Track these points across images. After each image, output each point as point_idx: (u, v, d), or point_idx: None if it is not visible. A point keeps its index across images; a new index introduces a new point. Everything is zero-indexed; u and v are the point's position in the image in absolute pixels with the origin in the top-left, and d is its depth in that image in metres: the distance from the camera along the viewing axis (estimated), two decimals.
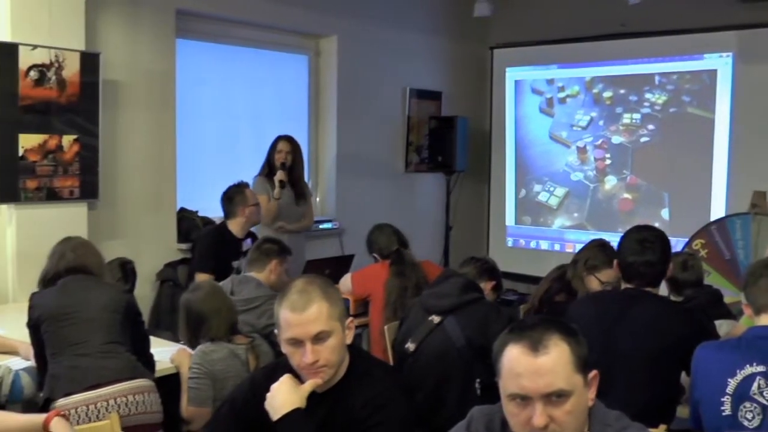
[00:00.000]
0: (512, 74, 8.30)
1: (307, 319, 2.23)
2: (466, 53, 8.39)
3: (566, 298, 4.21)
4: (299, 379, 2.34)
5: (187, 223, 5.95)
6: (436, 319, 3.76)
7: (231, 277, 4.43)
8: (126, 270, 4.76)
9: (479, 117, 8.44)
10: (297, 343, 2.25)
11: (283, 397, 2.28)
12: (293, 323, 2.24)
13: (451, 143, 7.73)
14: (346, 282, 4.98)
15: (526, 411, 1.76)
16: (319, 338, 2.24)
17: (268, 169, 5.89)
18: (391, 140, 7.76)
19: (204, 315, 3.60)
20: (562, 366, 1.77)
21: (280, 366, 2.42)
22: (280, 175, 5.78)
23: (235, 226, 5.24)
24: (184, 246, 5.85)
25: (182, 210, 6.03)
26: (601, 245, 4.31)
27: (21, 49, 4.86)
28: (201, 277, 4.92)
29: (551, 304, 4.28)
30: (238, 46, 6.58)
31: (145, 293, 5.34)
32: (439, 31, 8.08)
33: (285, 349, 2.31)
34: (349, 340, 2.35)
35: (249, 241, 5.21)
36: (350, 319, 2.37)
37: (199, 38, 6.28)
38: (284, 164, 5.84)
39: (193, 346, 3.60)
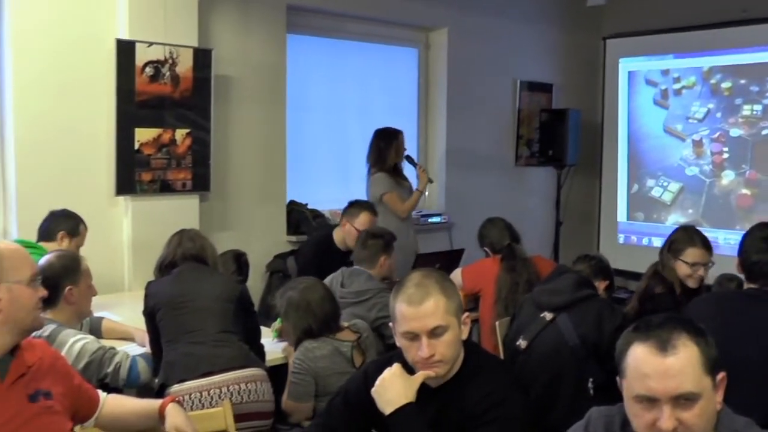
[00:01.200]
0: (626, 65, 8.08)
1: (423, 313, 2.21)
2: (578, 44, 8.23)
3: (664, 290, 4.05)
4: (409, 370, 2.32)
5: (297, 215, 6.02)
6: (548, 316, 3.68)
7: (341, 269, 4.45)
8: (240, 262, 4.83)
9: (591, 109, 8.26)
10: (413, 337, 2.23)
11: (394, 391, 2.27)
12: (409, 317, 2.22)
13: (562, 136, 7.58)
14: (456, 277, 4.92)
15: (652, 413, 1.71)
16: (435, 333, 2.21)
17: (389, 164, 5.83)
18: (501, 134, 7.68)
19: (305, 311, 3.56)
20: (692, 367, 1.70)
21: (394, 358, 2.39)
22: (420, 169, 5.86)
23: (338, 237, 5.15)
24: (293, 238, 5.92)
25: (292, 202, 6.10)
26: (682, 228, 4.19)
27: (137, 46, 5.02)
28: None
29: (653, 300, 4.12)
30: (348, 40, 6.62)
31: (254, 284, 5.42)
32: (550, 21, 7.95)
33: (400, 342, 2.29)
34: (464, 336, 2.31)
35: None
36: (466, 314, 2.33)
37: (309, 33, 6.35)
38: (410, 156, 5.91)
39: (296, 342, 3.60)
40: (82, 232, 4.40)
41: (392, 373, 2.31)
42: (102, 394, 2.60)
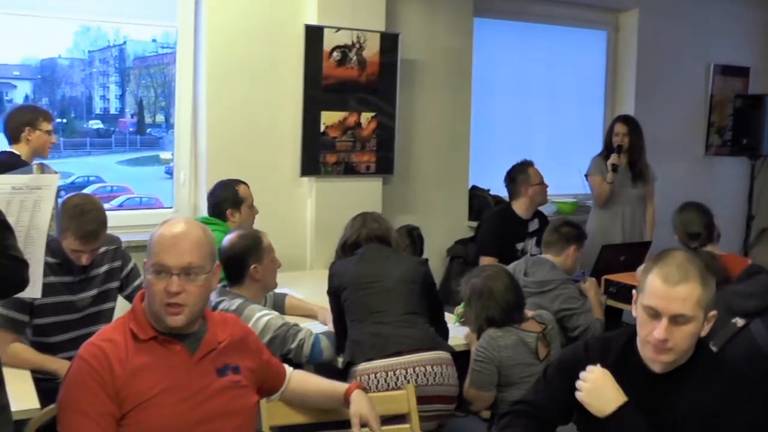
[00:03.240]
0: None
1: (675, 295, 2.08)
2: None
3: None
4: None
5: (479, 201, 5.93)
6: (740, 322, 3.39)
7: (525, 257, 4.31)
8: (413, 236, 4.79)
9: None
10: (654, 314, 2.11)
11: (610, 390, 2.18)
12: (659, 294, 2.10)
13: (758, 124, 7.08)
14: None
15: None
16: (677, 320, 2.09)
17: (606, 151, 5.68)
18: (691, 121, 7.24)
19: (487, 299, 3.46)
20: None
21: (613, 339, 2.31)
22: (613, 159, 5.54)
23: (519, 207, 5.11)
24: (474, 224, 5.81)
25: (474, 188, 6.02)
26: None
27: (326, 31, 5.06)
28: (485, 260, 4.88)
29: None
30: (535, 23, 6.43)
31: (434, 269, 5.33)
32: (749, 0, 7.42)
33: (638, 313, 2.17)
34: (704, 333, 2.17)
35: (536, 221, 5.06)
36: (713, 312, 2.18)
37: (497, 17, 6.21)
38: (620, 147, 5.60)
39: (477, 330, 3.51)
40: (243, 197, 4.34)
41: (602, 373, 2.21)
42: (288, 370, 2.63)
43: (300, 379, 2.65)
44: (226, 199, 4.29)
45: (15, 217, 2.33)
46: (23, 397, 2.72)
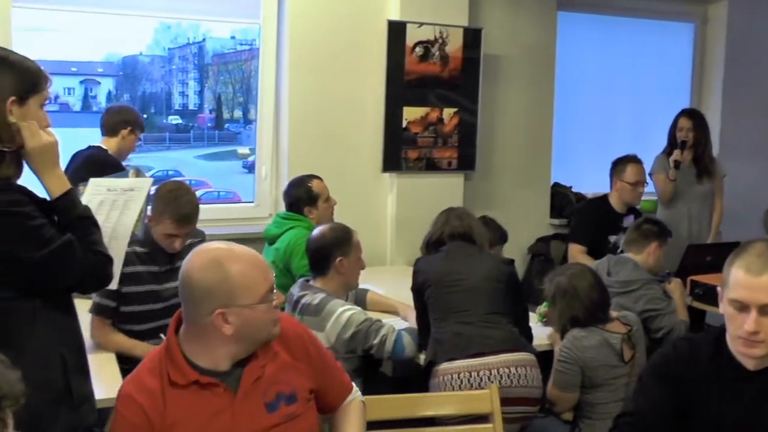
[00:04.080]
0: None
1: (760, 285, 2.02)
2: None
3: None
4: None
5: (561, 198, 5.85)
6: None
7: (607, 256, 4.22)
8: (489, 228, 4.72)
9: None
10: (741, 307, 2.04)
11: None
12: (744, 285, 2.04)
13: None
14: None
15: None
16: (765, 310, 2.02)
17: (669, 147, 5.44)
18: None
19: (572, 298, 3.39)
20: None
21: (701, 339, 2.24)
22: (675, 155, 5.28)
23: (613, 199, 4.99)
24: (556, 221, 5.76)
25: (556, 185, 5.94)
26: None
27: (408, 27, 5.05)
28: (574, 248, 4.84)
29: None
30: (620, 16, 6.30)
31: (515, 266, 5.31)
32: None
33: (725, 310, 2.11)
34: None
35: (631, 217, 4.94)
36: None
37: (581, 10, 6.10)
38: (684, 142, 5.35)
39: (561, 329, 3.44)
40: (317, 192, 4.32)
41: None
42: (353, 395, 2.38)
43: (349, 413, 2.36)
44: (301, 198, 4.30)
45: (104, 215, 2.37)
46: (109, 385, 2.76)
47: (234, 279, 2.03)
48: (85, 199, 2.39)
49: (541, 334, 3.61)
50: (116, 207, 2.36)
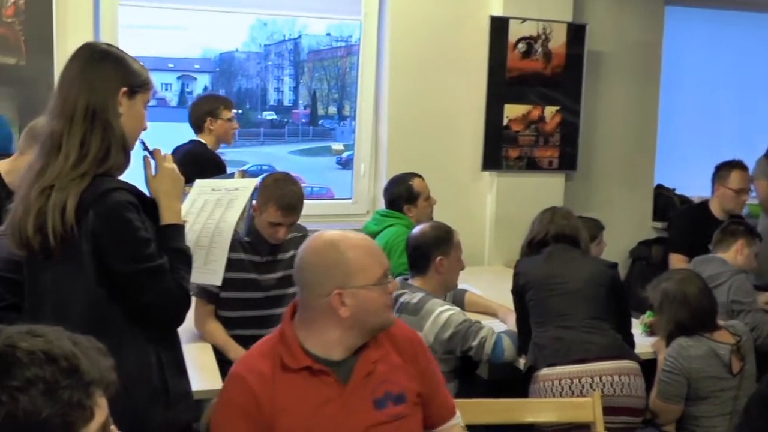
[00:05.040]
0: None
1: None
2: None
3: None
4: None
5: (664, 200, 5.71)
6: None
7: (693, 259, 4.09)
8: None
9: None
10: None
11: None
12: None
13: None
14: None
15: None
16: None
17: None
18: None
19: (681, 304, 3.29)
20: None
21: None
22: None
23: (713, 205, 4.82)
24: (659, 224, 5.63)
25: (659, 186, 5.80)
26: None
27: (511, 22, 5.01)
28: (674, 258, 4.69)
29: None
30: (730, 10, 6.07)
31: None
32: None
33: None
34: None
35: None
36: None
37: (689, 4, 5.92)
38: None
39: (667, 337, 3.35)
40: (418, 191, 4.33)
41: None
42: (456, 419, 2.31)
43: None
44: (401, 196, 4.31)
45: (208, 212, 2.40)
46: (206, 378, 2.83)
47: (351, 261, 2.06)
48: (189, 199, 2.43)
49: (644, 341, 3.52)
50: (220, 205, 2.39)
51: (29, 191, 2.01)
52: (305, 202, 3.46)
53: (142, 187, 2.15)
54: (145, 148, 2.20)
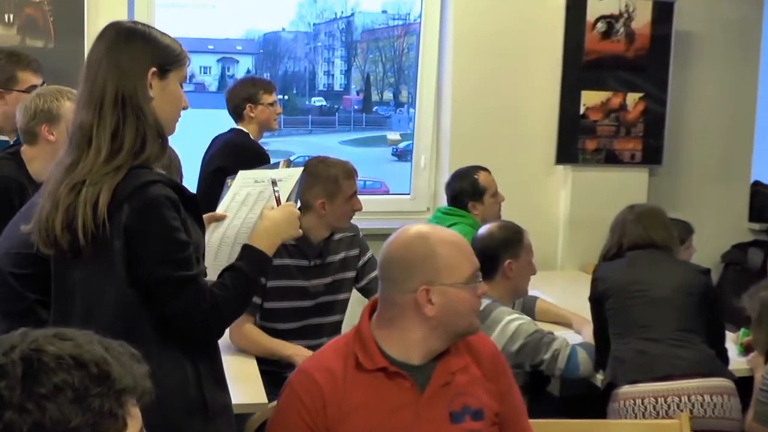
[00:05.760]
0: None
1: None
2: None
3: None
4: None
5: (762, 198, 5.66)
6: None
7: None
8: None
9: None
10: None
11: None
12: None
13: None
14: None
15: None
16: None
17: None
18: None
19: None
20: None
21: None
22: None
23: None
24: (756, 225, 5.57)
25: (756, 183, 5.75)
26: None
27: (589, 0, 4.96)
28: None
29: None
30: None
31: None
32: None
33: None
34: None
35: None
36: None
37: None
38: None
39: (765, 352, 3.27)
40: (484, 186, 4.31)
41: None
42: None
43: None
44: (465, 191, 4.30)
45: (249, 206, 2.41)
46: (249, 391, 2.84)
47: (441, 256, 2.11)
48: (231, 192, 2.44)
49: (740, 358, 3.47)
50: (262, 198, 2.39)
51: (58, 187, 2.02)
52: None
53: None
54: (274, 183, 2.30)
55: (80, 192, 1.97)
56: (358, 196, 3.48)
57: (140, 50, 2.07)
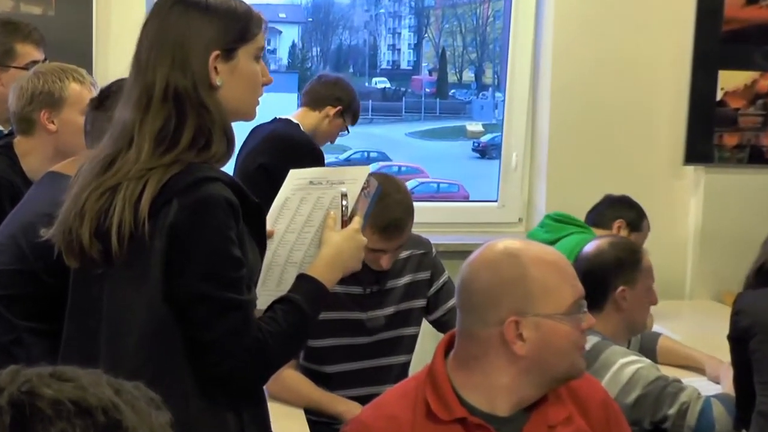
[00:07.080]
0: None
1: None
2: None
3: None
4: None
5: None
6: None
7: None
8: None
9: None
10: None
11: None
12: None
13: None
14: None
15: None
16: None
17: None
18: None
19: None
20: None
21: None
22: None
23: None
24: None
25: None
26: None
27: None
28: None
29: None
30: None
31: None
32: None
33: None
34: None
35: None
36: None
37: None
38: None
39: None
40: (644, 229, 4.41)
41: None
42: None
43: None
44: (629, 216, 4.38)
45: (305, 216, 2.40)
46: None
47: (533, 279, 2.09)
48: (281, 198, 2.44)
49: None
50: (321, 206, 2.38)
51: (84, 191, 2.04)
52: (425, 205, 3.45)
53: None
54: (344, 196, 2.31)
55: (117, 190, 1.99)
56: (384, 253, 3.33)
57: (197, 30, 2.08)
